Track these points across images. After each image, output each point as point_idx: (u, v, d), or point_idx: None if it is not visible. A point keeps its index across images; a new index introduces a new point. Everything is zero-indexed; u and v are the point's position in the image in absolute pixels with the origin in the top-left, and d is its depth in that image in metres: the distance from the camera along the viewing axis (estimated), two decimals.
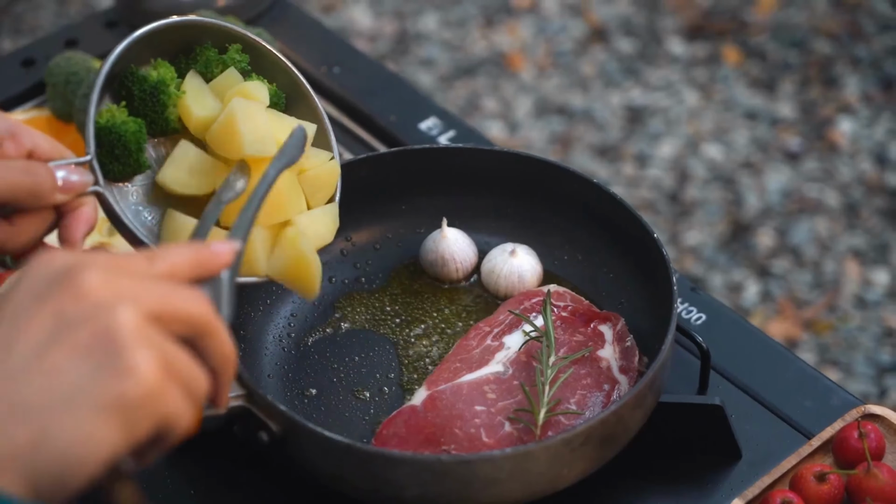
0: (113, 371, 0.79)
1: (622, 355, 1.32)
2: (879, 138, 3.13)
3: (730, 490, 1.30)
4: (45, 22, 3.46)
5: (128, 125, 1.20)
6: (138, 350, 0.80)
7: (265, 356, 1.37)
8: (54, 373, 0.79)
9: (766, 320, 2.74)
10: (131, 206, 1.23)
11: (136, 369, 0.79)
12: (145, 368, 0.80)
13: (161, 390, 0.81)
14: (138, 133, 1.21)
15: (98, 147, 1.19)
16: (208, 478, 1.32)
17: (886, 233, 2.91)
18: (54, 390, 0.78)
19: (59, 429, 0.77)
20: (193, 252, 0.92)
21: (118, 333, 0.80)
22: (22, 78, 1.75)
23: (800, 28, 3.42)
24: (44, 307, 0.81)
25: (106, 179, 1.20)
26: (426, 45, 3.42)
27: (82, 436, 0.77)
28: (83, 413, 0.78)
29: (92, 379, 0.79)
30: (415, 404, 1.28)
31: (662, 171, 3.07)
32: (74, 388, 0.78)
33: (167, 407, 0.82)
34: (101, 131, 1.19)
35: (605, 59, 3.37)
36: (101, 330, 0.80)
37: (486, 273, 1.43)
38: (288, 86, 1.32)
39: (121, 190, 1.23)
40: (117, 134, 1.20)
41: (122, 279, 0.83)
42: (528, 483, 1.19)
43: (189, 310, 0.86)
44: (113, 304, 0.81)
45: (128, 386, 0.79)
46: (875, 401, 2.58)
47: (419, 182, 1.47)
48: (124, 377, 0.79)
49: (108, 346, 0.80)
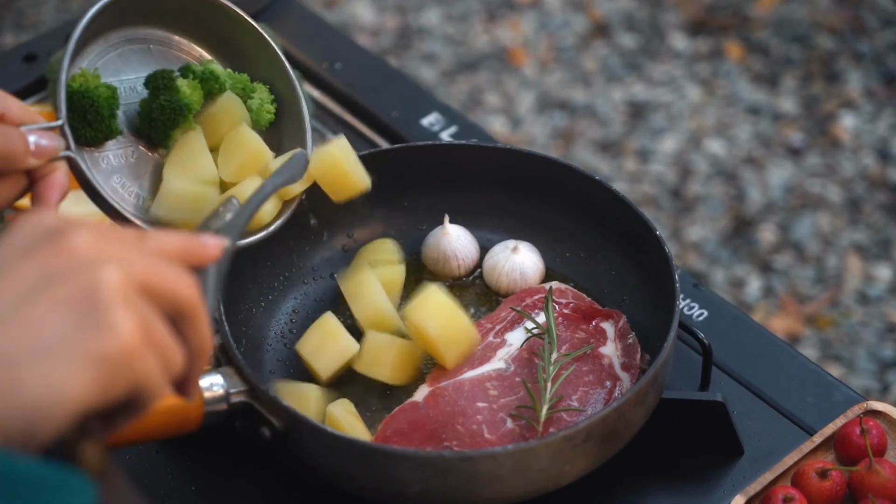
0: (92, 326, 0.79)
1: (624, 352, 1.32)
2: (882, 133, 3.13)
3: (731, 486, 1.30)
4: (47, 17, 3.46)
5: (100, 90, 1.21)
6: (120, 309, 0.80)
7: (267, 352, 1.37)
8: (33, 324, 0.79)
9: (768, 315, 2.74)
10: (103, 172, 1.24)
11: (115, 327, 0.80)
12: (125, 328, 0.80)
13: (138, 352, 0.81)
14: (111, 98, 1.22)
15: (70, 112, 1.20)
16: (210, 474, 1.32)
17: (889, 228, 2.91)
18: (31, 340, 0.78)
19: (31, 377, 0.77)
20: (184, 239, 0.93)
21: (102, 291, 0.80)
22: (24, 73, 1.74)
23: (802, 23, 3.42)
24: (29, 261, 0.81)
25: (77, 144, 1.21)
26: (428, 39, 3.42)
27: (54, 385, 0.77)
28: (57, 363, 0.78)
29: (70, 332, 0.79)
30: (417, 400, 1.28)
31: (665, 166, 3.07)
32: (52, 339, 0.78)
33: (142, 370, 0.81)
34: (73, 95, 1.20)
35: (608, 54, 3.36)
36: (85, 286, 0.80)
37: (489, 270, 1.43)
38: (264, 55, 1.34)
39: (92, 156, 1.24)
40: (90, 99, 1.20)
41: (112, 243, 0.84)
42: (530, 479, 1.19)
43: (176, 288, 0.86)
44: (99, 262, 0.81)
45: (106, 342, 0.79)
46: (877, 396, 2.58)
47: (421, 179, 1.47)
48: (103, 333, 0.79)
49: (91, 301, 0.80)
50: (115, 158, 1.26)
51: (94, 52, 1.26)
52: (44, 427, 0.77)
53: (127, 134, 1.27)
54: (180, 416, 1.19)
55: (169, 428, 1.19)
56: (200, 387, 1.20)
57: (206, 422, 1.21)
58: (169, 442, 1.32)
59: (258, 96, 1.32)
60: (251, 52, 1.34)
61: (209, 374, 1.21)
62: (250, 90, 1.32)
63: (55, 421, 0.77)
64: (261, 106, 1.32)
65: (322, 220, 1.44)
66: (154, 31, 1.31)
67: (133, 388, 0.82)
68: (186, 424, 1.20)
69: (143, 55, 1.30)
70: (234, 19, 1.32)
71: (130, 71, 1.29)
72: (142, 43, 1.30)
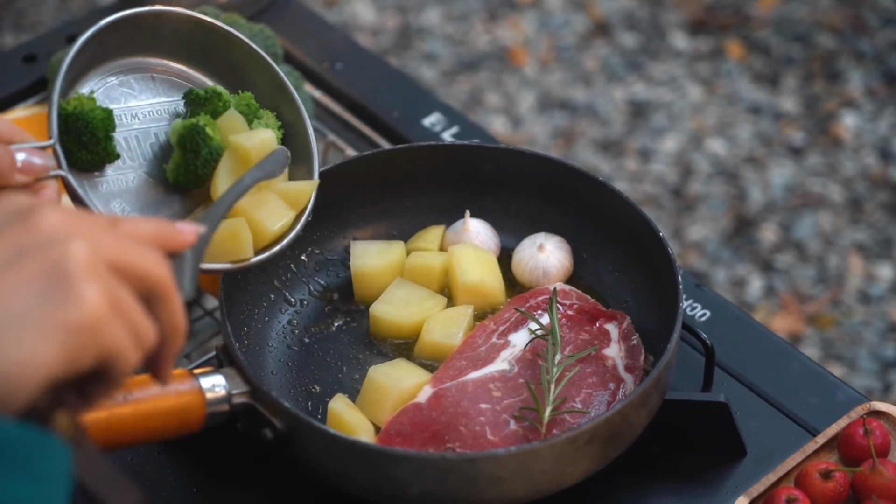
0: (59, 298, 0.82)
1: (628, 354, 1.32)
2: (883, 132, 3.12)
3: (735, 487, 1.30)
4: (47, 18, 3.45)
5: (95, 112, 1.22)
6: (86, 282, 0.83)
7: (269, 353, 1.37)
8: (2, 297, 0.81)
9: (769, 315, 2.74)
10: (102, 196, 1.25)
11: (82, 298, 0.82)
12: (91, 298, 0.82)
13: (105, 323, 0.83)
14: (106, 121, 1.23)
15: (66, 134, 1.21)
16: (212, 475, 1.32)
17: (890, 227, 2.91)
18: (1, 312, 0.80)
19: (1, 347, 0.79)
20: (158, 224, 0.95)
21: (68, 264, 0.83)
22: (24, 74, 1.74)
23: (803, 22, 3.42)
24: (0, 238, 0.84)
25: (75, 168, 1.22)
26: (429, 39, 3.42)
27: (22, 354, 0.80)
28: (25, 333, 0.80)
29: (37, 303, 0.81)
30: (420, 402, 1.28)
31: (666, 165, 3.07)
32: (20, 310, 0.81)
33: (110, 341, 0.84)
34: (68, 118, 1.21)
35: (608, 54, 3.36)
36: (53, 260, 0.83)
37: (515, 262, 1.43)
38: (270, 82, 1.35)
39: (91, 180, 1.25)
40: (84, 121, 1.21)
41: (83, 223, 0.86)
42: (533, 481, 1.18)
43: (145, 266, 0.88)
44: (67, 238, 0.84)
45: (72, 311, 0.81)
46: (879, 396, 2.58)
47: (423, 179, 1.47)
48: (70, 304, 0.82)
49: (58, 275, 0.82)
50: (115, 183, 1.27)
51: (93, 79, 1.28)
52: (14, 395, 0.79)
53: (126, 159, 1.28)
54: (182, 418, 1.18)
55: (170, 429, 1.19)
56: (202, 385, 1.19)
57: (208, 423, 1.20)
58: (170, 443, 1.31)
59: (264, 121, 1.32)
60: (256, 77, 1.35)
61: (211, 375, 1.21)
62: (255, 109, 1.32)
63: (25, 389, 0.80)
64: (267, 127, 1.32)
65: (323, 219, 1.43)
66: (157, 61, 1.33)
67: (102, 358, 0.84)
68: (188, 426, 1.19)
69: (145, 83, 1.31)
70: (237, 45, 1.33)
71: (132, 98, 1.30)
72: (144, 71, 1.32)
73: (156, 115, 1.31)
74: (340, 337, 1.40)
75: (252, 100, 1.32)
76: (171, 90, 1.33)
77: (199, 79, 1.34)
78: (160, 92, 1.32)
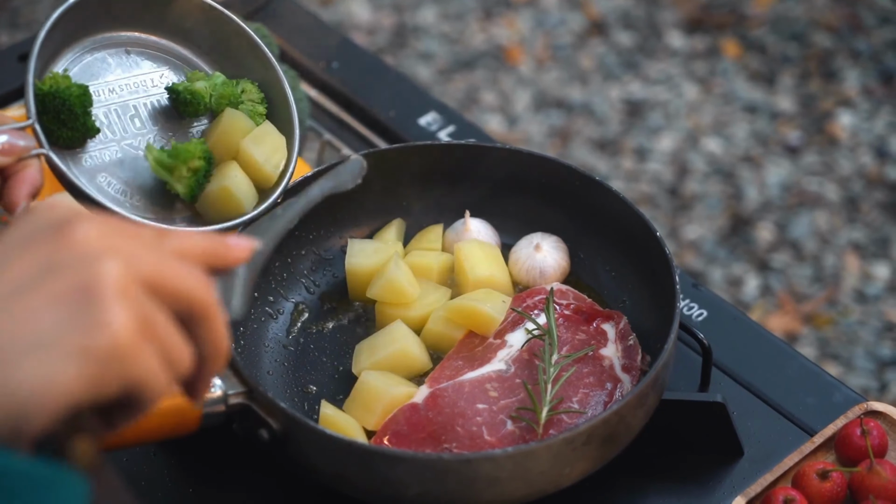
0: (85, 322, 0.78)
1: (625, 354, 1.31)
2: (879, 132, 3.12)
3: (732, 488, 1.30)
4: (42, 16, 3.44)
5: (71, 89, 1.23)
6: (115, 305, 0.78)
7: (265, 353, 1.37)
8: (27, 316, 0.78)
9: (765, 314, 2.74)
10: (86, 171, 1.26)
11: (108, 323, 0.78)
12: (119, 324, 0.78)
13: (132, 350, 0.79)
14: (83, 97, 1.24)
15: (44, 113, 1.22)
16: (207, 476, 1.32)
17: (886, 226, 2.91)
18: (24, 333, 0.77)
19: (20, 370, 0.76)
20: (208, 240, 0.90)
21: (98, 285, 0.78)
22: (19, 73, 1.73)
23: (799, 21, 3.42)
24: (32, 251, 0.80)
25: (56, 146, 1.23)
26: (424, 38, 3.41)
27: (43, 379, 0.76)
28: (48, 357, 0.76)
29: (62, 327, 0.77)
30: (416, 402, 1.27)
31: (662, 164, 3.07)
32: (44, 332, 0.77)
33: (138, 368, 0.79)
34: (45, 97, 1.22)
35: (604, 53, 3.36)
36: (83, 279, 0.79)
37: (512, 262, 1.43)
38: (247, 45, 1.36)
39: (74, 155, 1.26)
40: (61, 99, 1.22)
41: (121, 238, 0.82)
42: (530, 482, 1.18)
43: (187, 286, 0.83)
44: (102, 256, 0.80)
45: (96, 338, 0.77)
46: (875, 395, 2.58)
47: (419, 179, 1.46)
48: (95, 329, 0.78)
49: (86, 296, 0.78)
50: (99, 157, 1.28)
51: (68, 57, 1.28)
52: (32, 421, 0.76)
53: (106, 133, 1.29)
54: (178, 418, 1.18)
55: (166, 430, 1.18)
56: None
57: (204, 423, 1.20)
58: (166, 444, 1.31)
59: (247, 98, 1.35)
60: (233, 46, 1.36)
61: None
62: (236, 97, 1.34)
63: (43, 415, 0.76)
64: (252, 109, 1.35)
65: (319, 218, 1.43)
66: (133, 34, 1.34)
67: (128, 386, 0.80)
68: (184, 426, 1.19)
69: (120, 57, 1.32)
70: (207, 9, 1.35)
71: (108, 73, 1.31)
72: (117, 46, 1.32)
73: (133, 87, 1.33)
74: (337, 337, 1.39)
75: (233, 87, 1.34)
76: (146, 62, 1.34)
77: (175, 49, 1.36)
78: (135, 65, 1.33)
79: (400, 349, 1.32)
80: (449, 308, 1.35)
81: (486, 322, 1.33)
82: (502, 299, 1.35)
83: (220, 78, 1.34)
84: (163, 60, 1.35)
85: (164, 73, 1.35)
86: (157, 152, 1.27)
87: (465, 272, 1.38)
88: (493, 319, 1.32)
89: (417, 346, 1.33)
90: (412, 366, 1.32)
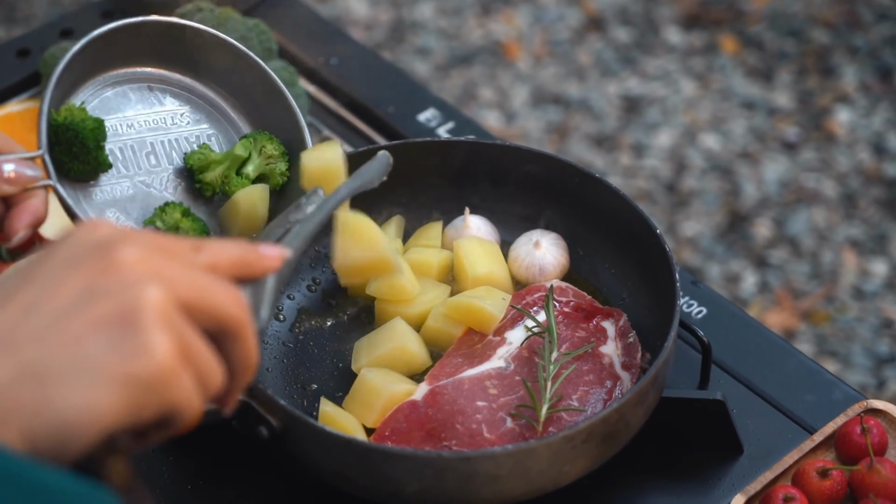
0: (127, 348, 0.79)
1: (624, 351, 1.31)
2: (877, 128, 3.12)
3: (731, 485, 1.30)
4: (40, 11, 3.44)
5: (86, 122, 1.22)
6: (157, 332, 0.80)
7: (265, 350, 1.37)
8: (70, 340, 0.79)
9: (763, 311, 2.74)
10: (96, 205, 1.25)
11: (151, 350, 0.79)
12: (161, 351, 0.80)
13: (172, 376, 0.81)
14: (97, 130, 1.23)
15: (57, 144, 1.21)
16: (206, 473, 1.31)
17: (884, 223, 2.91)
18: (66, 357, 0.78)
19: (63, 395, 0.78)
20: (241, 250, 0.91)
21: (141, 312, 0.80)
22: (17, 69, 1.73)
23: (797, 17, 3.41)
24: (75, 274, 0.81)
25: (67, 179, 1.22)
26: (422, 33, 3.41)
27: (85, 404, 0.78)
28: (90, 383, 0.78)
29: (105, 352, 0.79)
30: (416, 399, 1.27)
31: (659, 160, 3.06)
32: (86, 358, 0.78)
33: (176, 394, 0.81)
34: (58, 129, 1.21)
35: (602, 48, 3.36)
36: (125, 306, 0.80)
37: (511, 259, 1.43)
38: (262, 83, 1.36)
39: (85, 189, 1.25)
40: (74, 131, 1.21)
41: (161, 260, 0.83)
42: (530, 480, 1.18)
43: (222, 307, 0.85)
44: (143, 282, 0.81)
45: (139, 365, 0.79)
46: (873, 392, 2.58)
47: (418, 175, 1.46)
48: (137, 356, 0.79)
49: (129, 322, 0.80)
50: (110, 192, 1.27)
51: (88, 89, 1.28)
52: (73, 444, 0.78)
53: (120, 168, 1.28)
54: None
55: None
56: None
57: (204, 420, 1.19)
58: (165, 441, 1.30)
59: (266, 156, 1.34)
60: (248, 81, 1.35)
61: None
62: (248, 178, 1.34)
63: (84, 439, 0.78)
64: (273, 168, 1.34)
65: None
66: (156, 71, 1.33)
67: (166, 410, 0.82)
68: None
69: (142, 93, 1.32)
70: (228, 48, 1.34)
71: (127, 108, 1.31)
72: (140, 81, 1.32)
73: (152, 124, 1.32)
74: (336, 334, 1.39)
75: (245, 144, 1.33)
76: (168, 99, 1.33)
77: (197, 88, 1.35)
78: (157, 101, 1.32)
79: (399, 346, 1.32)
80: (448, 305, 1.34)
81: (486, 319, 1.32)
82: (502, 296, 1.35)
83: (236, 149, 1.33)
84: (185, 99, 1.34)
85: (184, 112, 1.34)
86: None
87: (464, 269, 1.38)
88: (492, 317, 1.32)
89: (417, 344, 1.33)
90: (412, 363, 1.32)
